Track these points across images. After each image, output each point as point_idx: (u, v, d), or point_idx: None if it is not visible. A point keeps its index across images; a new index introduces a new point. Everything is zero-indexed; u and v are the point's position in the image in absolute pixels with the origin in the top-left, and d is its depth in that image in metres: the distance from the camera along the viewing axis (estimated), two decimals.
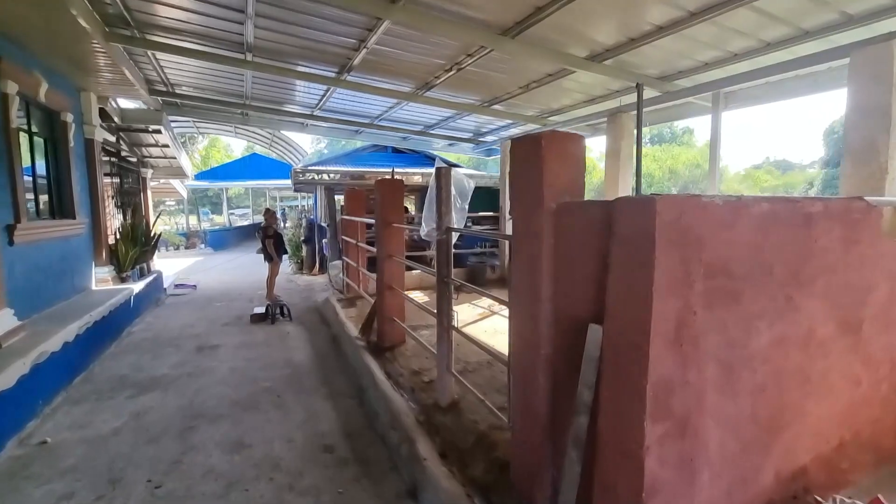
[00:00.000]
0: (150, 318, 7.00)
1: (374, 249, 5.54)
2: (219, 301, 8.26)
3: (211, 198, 40.18)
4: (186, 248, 17.71)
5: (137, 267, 7.65)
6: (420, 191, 13.59)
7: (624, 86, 5.40)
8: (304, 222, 12.34)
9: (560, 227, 2.02)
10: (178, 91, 6.86)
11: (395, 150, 12.16)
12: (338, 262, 8.66)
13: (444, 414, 3.30)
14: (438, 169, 3.29)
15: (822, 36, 3.81)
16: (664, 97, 5.26)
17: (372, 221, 7.01)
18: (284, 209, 32.17)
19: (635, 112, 5.08)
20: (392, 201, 4.61)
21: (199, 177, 20.67)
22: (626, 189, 5.74)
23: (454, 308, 3.39)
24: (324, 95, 6.85)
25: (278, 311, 6.70)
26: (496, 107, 6.69)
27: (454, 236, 3.36)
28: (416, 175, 9.76)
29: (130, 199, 8.60)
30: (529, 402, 2.23)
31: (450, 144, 10.24)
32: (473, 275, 7.72)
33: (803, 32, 3.84)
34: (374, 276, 6.15)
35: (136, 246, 7.48)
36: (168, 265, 13.23)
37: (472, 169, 11.39)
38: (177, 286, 9.60)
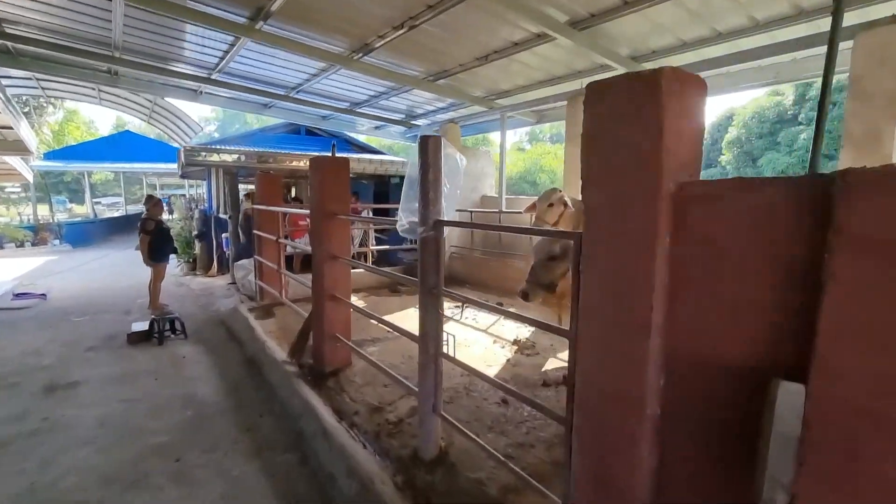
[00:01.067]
0: None
1: (303, 248, 4.46)
2: (79, 315, 6.33)
3: (69, 184, 33.47)
4: (34, 244, 14.16)
5: None
6: None
7: (589, 65, 4.93)
8: (196, 214, 10.34)
9: (687, 219, 1.29)
10: (7, 30, 4.92)
11: (310, 132, 10.74)
12: (246, 262, 7.20)
13: (432, 471, 2.45)
14: (424, 138, 2.41)
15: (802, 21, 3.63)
16: None
17: (300, 212, 5.82)
18: (169, 198, 27.96)
19: None
20: (336, 186, 3.58)
21: (50, 156, 16.72)
22: None
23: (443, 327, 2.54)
24: (227, 53, 5.44)
25: (167, 326, 5.19)
26: (442, 82, 5.86)
27: (449, 232, 2.49)
28: None
29: None
30: (612, 482, 1.49)
31: (376, 128, 9.17)
32: (412, 273, 6.82)
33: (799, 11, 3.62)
34: (298, 278, 5.00)
35: None
36: (3, 268, 10.28)
37: (397, 157, 10.40)
38: (16, 296, 7.28)
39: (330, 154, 3.49)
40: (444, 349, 2.51)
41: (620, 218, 1.39)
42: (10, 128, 7.41)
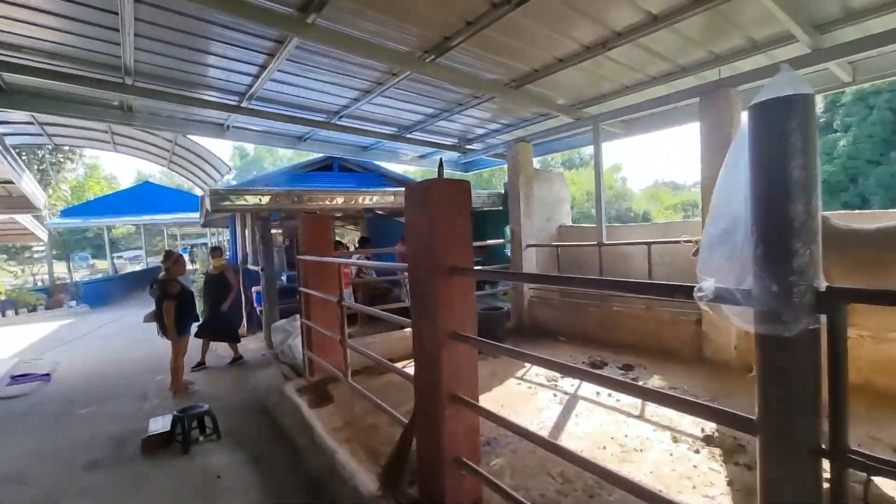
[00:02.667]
0: None
1: (395, 318, 3.24)
2: (84, 405, 5.06)
3: (91, 240, 33.27)
4: (48, 308, 13.23)
5: None
6: (372, 218, 11.18)
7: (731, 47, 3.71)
8: None
9: None
10: None
11: (343, 169, 9.72)
12: (285, 323, 5.94)
13: None
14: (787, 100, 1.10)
15: None
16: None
17: (372, 264, 4.55)
18: (190, 248, 27.35)
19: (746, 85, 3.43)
20: (455, 226, 2.31)
21: (68, 213, 16.10)
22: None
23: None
24: (260, 74, 4.38)
25: (194, 424, 3.87)
26: (529, 87, 4.69)
27: None
28: (369, 196, 7.29)
29: None
30: None
31: (421, 157, 8.06)
32: (495, 327, 5.44)
33: None
34: (364, 350, 3.66)
35: None
36: (8, 340, 9.22)
37: None
38: (13, 379, 6.10)
39: (437, 178, 2.25)
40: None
41: None
42: (11, 182, 6.46)
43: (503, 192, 8.10)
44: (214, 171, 7.75)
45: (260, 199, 6.10)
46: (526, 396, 3.82)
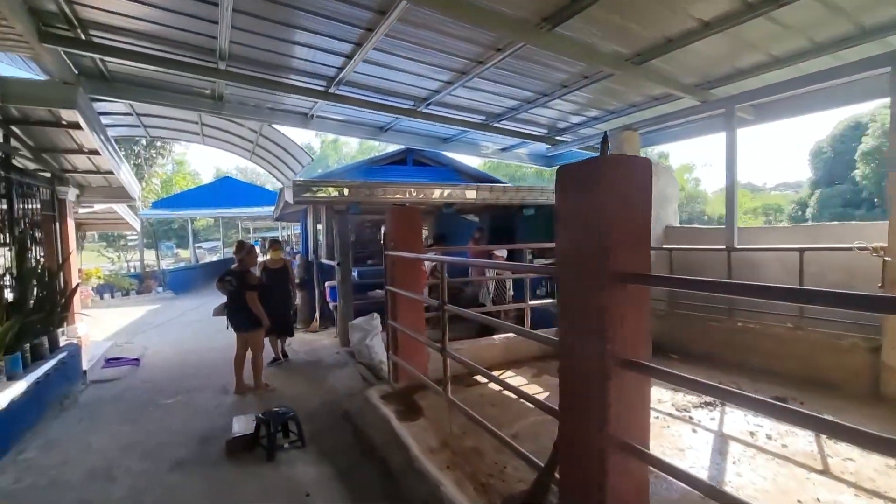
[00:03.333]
0: (34, 449, 3.77)
1: (485, 318, 2.75)
2: (170, 394, 5.04)
3: (176, 231, 35.97)
4: (139, 292, 14.17)
5: (27, 346, 4.48)
6: (441, 215, 10.81)
7: None
8: (297, 259, 9.26)
9: None
10: (96, 38, 3.90)
11: (417, 163, 9.40)
12: (363, 322, 5.65)
13: None
14: None
15: None
16: None
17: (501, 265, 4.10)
18: (261, 240, 28.70)
19: None
20: (634, 220, 1.75)
21: (157, 205, 17.27)
22: None
23: None
24: (352, 55, 4.05)
25: (278, 428, 3.60)
26: (654, 63, 4.00)
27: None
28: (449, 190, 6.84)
29: (26, 232, 5.40)
30: None
31: (503, 150, 7.52)
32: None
33: None
34: (455, 356, 3.17)
35: (22, 311, 4.34)
36: (106, 321, 9.81)
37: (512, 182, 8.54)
38: (108, 361, 6.31)
39: (606, 154, 1.71)
40: None
41: None
42: (112, 172, 6.70)
43: None
44: (295, 163, 7.71)
45: (341, 191, 5.86)
46: (657, 430, 3.18)
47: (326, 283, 7.92)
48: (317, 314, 8.10)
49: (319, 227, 10.67)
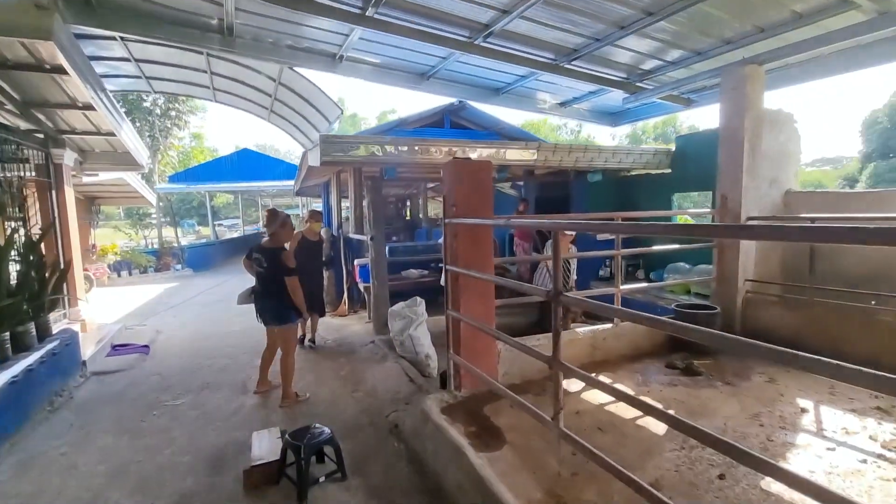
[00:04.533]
0: (6, 469, 2.96)
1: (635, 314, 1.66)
2: (180, 392, 4.22)
3: (197, 208, 35.64)
4: (157, 270, 13.58)
5: (6, 335, 3.68)
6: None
7: None
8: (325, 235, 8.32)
9: None
10: None
11: (455, 125, 8.26)
12: (405, 308, 4.71)
13: None
14: None
15: None
16: None
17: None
18: None
19: None
20: None
21: (174, 178, 16.58)
22: None
23: None
24: None
25: (311, 455, 2.68)
26: None
27: None
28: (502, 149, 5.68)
29: (4, 196, 4.55)
30: None
31: (561, 104, 6.34)
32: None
33: None
34: (555, 362, 2.15)
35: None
36: (119, 301, 9.15)
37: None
38: (114, 348, 5.54)
39: None
40: None
41: None
42: (112, 134, 5.80)
43: (672, 149, 6.17)
44: (321, 119, 6.66)
45: (379, 150, 4.82)
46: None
47: (356, 261, 7.00)
48: (345, 296, 7.20)
49: (346, 202, 9.73)
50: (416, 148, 4.97)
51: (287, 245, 4.00)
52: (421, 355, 4.59)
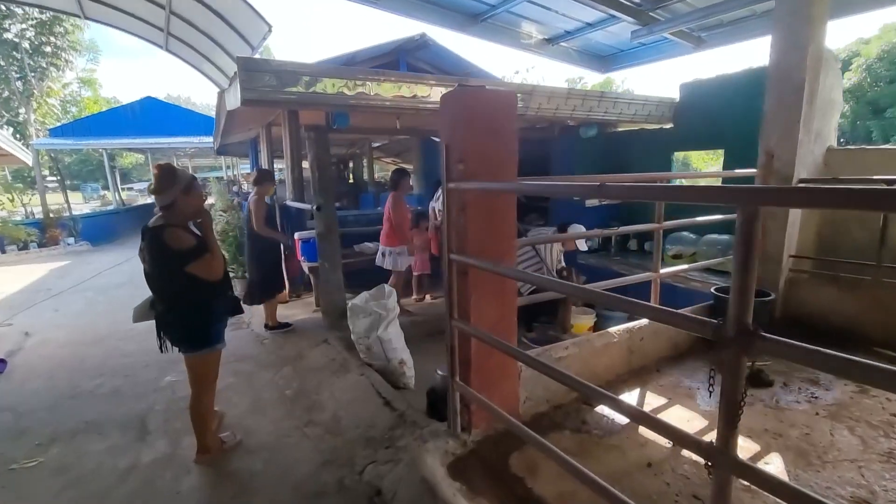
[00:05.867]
0: None
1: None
2: (40, 444, 2.84)
3: (104, 170, 30.66)
4: (42, 245, 11.11)
5: None
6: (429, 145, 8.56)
7: None
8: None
9: None
10: None
11: (413, 68, 6.88)
12: (369, 301, 3.58)
13: None
14: None
15: None
16: None
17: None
18: (202, 181, 24.93)
19: None
20: None
21: (58, 132, 13.54)
22: None
23: None
24: None
25: None
26: None
27: None
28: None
29: None
30: None
31: (547, 39, 5.22)
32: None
33: None
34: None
35: None
36: None
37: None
38: None
39: None
40: None
41: None
42: None
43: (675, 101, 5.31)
44: (241, 45, 4.96)
45: (329, 86, 3.45)
46: None
47: (296, 235, 5.62)
48: (286, 280, 5.85)
49: (279, 163, 8.15)
50: (380, 79, 3.65)
51: (200, 221, 2.58)
52: (394, 362, 3.52)
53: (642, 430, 2.26)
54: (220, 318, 2.50)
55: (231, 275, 3.59)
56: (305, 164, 5.13)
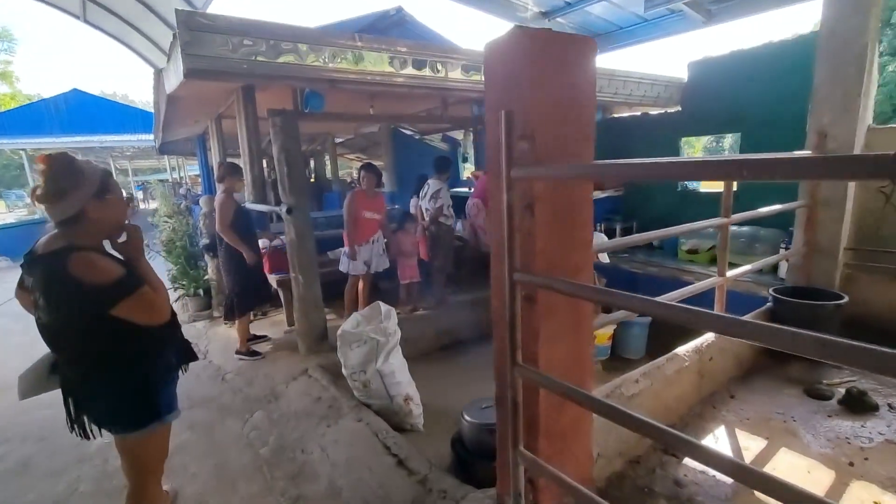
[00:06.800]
0: None
1: None
2: None
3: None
4: None
5: None
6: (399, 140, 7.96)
7: None
8: (201, 204, 5.80)
9: None
10: None
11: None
12: (363, 327, 2.87)
13: None
14: None
15: None
16: None
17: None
18: (143, 185, 22.85)
19: None
20: None
21: None
22: None
23: None
24: None
25: None
26: None
27: None
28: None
29: None
30: None
31: (544, 13, 4.66)
32: None
33: None
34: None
35: None
36: None
37: None
38: None
39: None
40: None
41: None
42: None
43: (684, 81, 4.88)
44: (183, 5, 4.10)
45: (307, 56, 2.70)
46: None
47: (261, 244, 4.77)
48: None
49: (247, 144, 7.18)
50: (381, 47, 2.93)
51: (124, 241, 1.75)
52: (398, 399, 2.84)
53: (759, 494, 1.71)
54: (168, 377, 1.73)
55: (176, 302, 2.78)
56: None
